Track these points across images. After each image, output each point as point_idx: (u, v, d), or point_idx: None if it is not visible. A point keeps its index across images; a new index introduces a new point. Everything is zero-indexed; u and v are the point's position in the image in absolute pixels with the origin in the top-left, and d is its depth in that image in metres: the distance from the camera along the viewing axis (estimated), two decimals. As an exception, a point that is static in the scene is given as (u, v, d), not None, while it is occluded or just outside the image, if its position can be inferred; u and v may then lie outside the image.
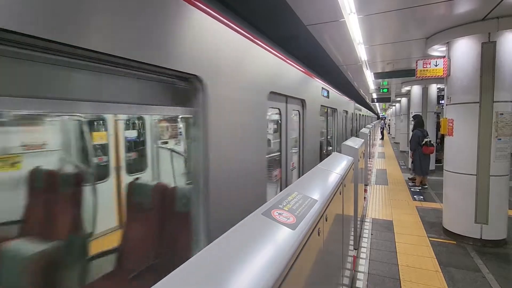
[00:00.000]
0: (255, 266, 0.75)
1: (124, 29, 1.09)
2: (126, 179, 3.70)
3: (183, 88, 1.53)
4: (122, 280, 2.11)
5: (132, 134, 3.96)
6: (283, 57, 2.90)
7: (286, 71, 2.99)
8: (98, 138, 3.53)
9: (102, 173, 3.54)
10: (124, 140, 3.80)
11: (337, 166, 2.31)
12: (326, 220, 1.41)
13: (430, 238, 4.16)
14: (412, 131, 7.48)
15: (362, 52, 5.30)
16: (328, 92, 5.23)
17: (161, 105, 1.45)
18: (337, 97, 6.46)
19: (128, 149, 3.90)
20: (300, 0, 3.07)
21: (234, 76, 1.85)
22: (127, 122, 3.91)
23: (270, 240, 0.89)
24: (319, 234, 1.23)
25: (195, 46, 1.49)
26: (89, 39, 0.97)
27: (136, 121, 4.01)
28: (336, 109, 6.41)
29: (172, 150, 4.07)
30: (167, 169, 3.98)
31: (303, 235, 0.99)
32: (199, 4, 1.52)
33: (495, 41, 3.67)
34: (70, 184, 2.55)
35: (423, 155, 7.05)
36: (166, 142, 4.21)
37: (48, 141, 3.00)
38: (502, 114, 3.69)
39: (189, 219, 1.69)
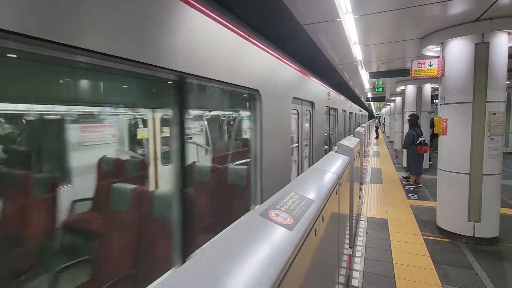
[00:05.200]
0: (253, 268, 0.75)
1: None
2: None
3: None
4: None
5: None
6: None
7: None
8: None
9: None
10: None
11: (333, 166, 2.32)
12: (323, 220, 1.42)
13: (424, 236, 4.21)
14: (410, 128, 7.54)
15: (357, 52, 5.33)
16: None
17: None
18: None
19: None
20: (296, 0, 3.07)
21: None
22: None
23: (268, 241, 0.89)
24: (316, 234, 1.24)
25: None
26: None
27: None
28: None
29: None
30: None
31: (301, 236, 0.99)
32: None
33: (488, 42, 3.72)
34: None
35: (417, 154, 7.12)
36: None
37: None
38: (494, 113, 3.74)
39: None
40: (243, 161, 3.86)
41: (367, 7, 3.29)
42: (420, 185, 7.27)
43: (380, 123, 37.06)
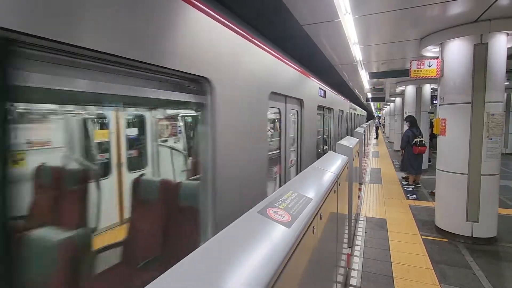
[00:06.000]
0: (251, 264, 0.76)
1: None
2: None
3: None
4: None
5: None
6: None
7: None
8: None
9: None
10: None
11: (332, 165, 2.34)
12: (321, 219, 1.43)
13: (422, 236, 4.23)
14: (408, 128, 7.56)
15: (357, 52, 5.34)
16: None
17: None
18: None
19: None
20: (296, 0, 3.09)
21: None
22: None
23: (265, 238, 0.90)
24: (314, 232, 1.25)
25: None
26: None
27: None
28: None
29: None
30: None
31: (298, 233, 1.00)
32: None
33: (487, 43, 3.73)
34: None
35: (413, 154, 7.15)
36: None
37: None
38: (493, 114, 3.76)
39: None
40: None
41: (367, 7, 3.31)
42: (419, 185, 7.28)
43: (380, 123, 37.07)
